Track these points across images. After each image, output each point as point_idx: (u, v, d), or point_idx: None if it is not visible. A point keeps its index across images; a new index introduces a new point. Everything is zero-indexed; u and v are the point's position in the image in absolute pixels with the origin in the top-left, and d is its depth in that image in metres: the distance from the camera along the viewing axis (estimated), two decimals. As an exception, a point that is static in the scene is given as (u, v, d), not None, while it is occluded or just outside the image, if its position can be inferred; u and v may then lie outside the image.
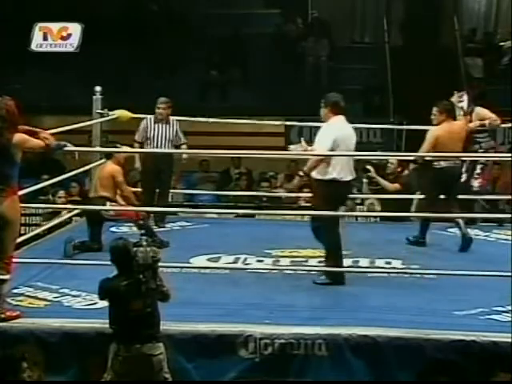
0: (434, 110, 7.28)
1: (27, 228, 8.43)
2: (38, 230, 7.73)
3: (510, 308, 5.56)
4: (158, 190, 8.01)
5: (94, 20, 8.70)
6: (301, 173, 6.16)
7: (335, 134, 6.08)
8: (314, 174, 6.10)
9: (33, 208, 8.93)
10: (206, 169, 12.03)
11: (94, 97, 8.20)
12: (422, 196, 8.14)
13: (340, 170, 6.09)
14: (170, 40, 13.46)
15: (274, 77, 13.27)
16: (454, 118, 7.43)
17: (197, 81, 13.44)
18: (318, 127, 6.32)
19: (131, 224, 7.41)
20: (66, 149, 5.69)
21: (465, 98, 8.09)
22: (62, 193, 9.92)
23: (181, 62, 13.48)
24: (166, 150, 7.89)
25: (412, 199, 8.49)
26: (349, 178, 6.20)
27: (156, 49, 13.33)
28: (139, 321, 4.82)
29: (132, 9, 14.00)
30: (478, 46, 14.20)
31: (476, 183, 7.81)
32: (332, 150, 6.05)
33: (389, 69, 13.08)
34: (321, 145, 6.10)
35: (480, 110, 7.97)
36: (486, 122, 7.82)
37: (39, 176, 9.51)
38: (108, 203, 6.94)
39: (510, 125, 8.80)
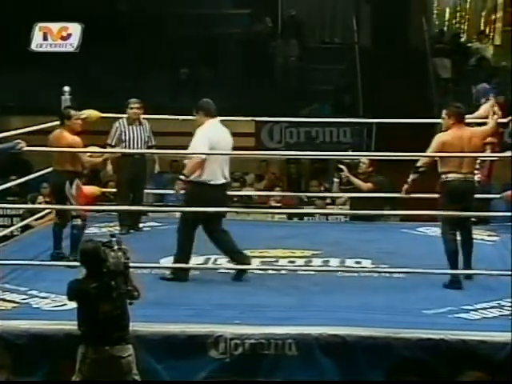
0: (443, 113, 6.34)
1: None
2: (6, 232, 7.66)
3: (477, 306, 5.62)
4: (132, 194, 7.93)
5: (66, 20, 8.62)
6: (182, 177, 6.21)
7: (208, 136, 6.20)
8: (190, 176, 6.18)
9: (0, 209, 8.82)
10: (176, 169, 11.97)
11: (63, 97, 8.13)
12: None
13: (209, 173, 6.17)
14: (140, 40, 13.40)
15: (245, 77, 13.27)
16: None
17: (168, 81, 13.39)
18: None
19: (100, 224, 7.33)
20: (24, 149, 5.59)
21: (474, 90, 7.97)
22: (41, 198, 9.86)
23: (152, 62, 13.43)
24: (140, 151, 7.81)
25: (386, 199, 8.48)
26: (220, 181, 6.25)
27: (127, 49, 13.27)
28: (108, 323, 4.78)
29: (101, 9, 13.92)
30: (445, 46, 14.34)
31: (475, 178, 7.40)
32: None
33: (358, 69, 13.14)
34: (196, 149, 6.19)
35: (488, 105, 7.66)
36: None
37: (7, 177, 9.42)
38: (76, 180, 6.62)
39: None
